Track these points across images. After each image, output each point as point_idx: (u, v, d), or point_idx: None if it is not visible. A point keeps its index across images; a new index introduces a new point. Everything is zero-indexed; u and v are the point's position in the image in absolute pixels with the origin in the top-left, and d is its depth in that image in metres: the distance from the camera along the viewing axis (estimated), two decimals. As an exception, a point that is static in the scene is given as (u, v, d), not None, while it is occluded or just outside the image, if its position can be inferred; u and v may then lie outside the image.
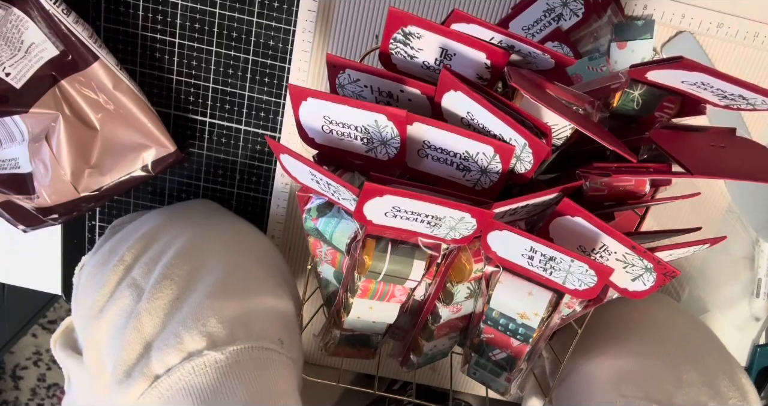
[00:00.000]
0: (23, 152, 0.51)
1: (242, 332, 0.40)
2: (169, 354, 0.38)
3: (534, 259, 0.36)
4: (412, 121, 0.34)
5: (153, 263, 0.44)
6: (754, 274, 0.59)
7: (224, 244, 0.48)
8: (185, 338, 0.39)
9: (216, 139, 0.56)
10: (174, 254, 0.45)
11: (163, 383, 0.38)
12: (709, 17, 0.51)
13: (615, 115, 0.39)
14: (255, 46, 0.52)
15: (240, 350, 0.39)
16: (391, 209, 0.33)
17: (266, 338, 0.41)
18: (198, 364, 0.38)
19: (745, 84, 0.31)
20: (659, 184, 0.40)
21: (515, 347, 0.41)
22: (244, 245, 0.50)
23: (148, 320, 0.41)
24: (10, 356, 1.22)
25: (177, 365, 0.38)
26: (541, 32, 0.50)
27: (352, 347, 0.47)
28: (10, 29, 0.45)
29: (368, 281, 0.39)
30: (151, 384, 0.38)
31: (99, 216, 0.59)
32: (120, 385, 0.39)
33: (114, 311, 0.42)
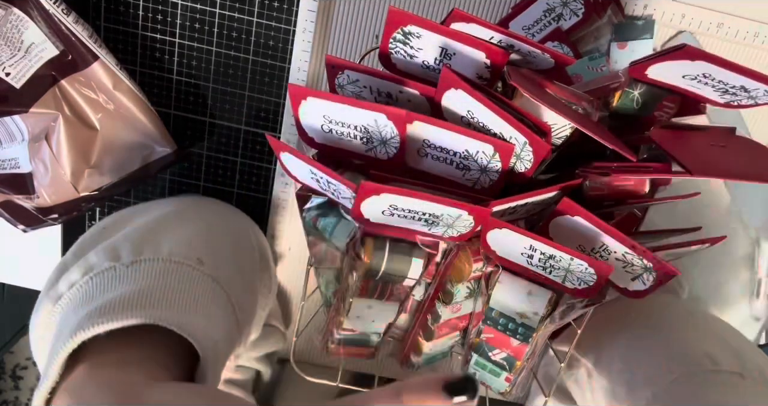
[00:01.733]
0: (23, 152, 0.51)
1: (150, 248, 0.39)
2: (73, 273, 0.38)
3: (533, 258, 0.36)
4: (412, 119, 0.34)
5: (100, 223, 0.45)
6: (754, 274, 0.59)
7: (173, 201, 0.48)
8: (91, 256, 0.38)
9: (216, 139, 0.56)
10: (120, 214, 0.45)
11: (64, 298, 0.37)
12: (709, 17, 0.51)
13: (615, 115, 0.39)
14: (255, 46, 0.52)
15: (142, 260, 0.38)
16: (389, 208, 0.33)
17: (177, 254, 0.39)
18: (95, 274, 0.37)
19: (748, 71, 0.31)
20: (659, 184, 0.40)
21: (515, 346, 0.41)
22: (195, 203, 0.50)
23: (70, 257, 0.40)
24: (10, 356, 1.22)
25: (78, 281, 0.37)
26: (541, 32, 0.50)
27: (352, 346, 0.47)
28: (10, 29, 0.45)
29: (367, 280, 0.39)
30: (55, 303, 0.37)
31: (99, 216, 0.59)
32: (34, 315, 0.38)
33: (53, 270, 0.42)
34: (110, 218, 0.46)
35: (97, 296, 0.35)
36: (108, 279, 0.36)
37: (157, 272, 0.37)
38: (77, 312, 0.34)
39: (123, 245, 0.39)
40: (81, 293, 0.36)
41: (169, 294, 0.36)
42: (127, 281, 0.36)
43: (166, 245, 0.40)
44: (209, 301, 0.39)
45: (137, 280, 0.36)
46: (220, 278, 0.41)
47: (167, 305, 0.35)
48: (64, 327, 0.34)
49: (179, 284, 0.37)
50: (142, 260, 0.37)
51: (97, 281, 0.36)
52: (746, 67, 0.31)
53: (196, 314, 0.36)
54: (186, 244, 0.41)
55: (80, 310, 0.34)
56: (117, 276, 0.36)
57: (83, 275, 0.37)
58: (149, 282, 0.36)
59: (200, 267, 0.39)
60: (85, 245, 0.41)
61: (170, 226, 0.43)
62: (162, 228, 0.42)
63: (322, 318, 0.47)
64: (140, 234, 0.41)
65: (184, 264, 0.39)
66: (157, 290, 0.35)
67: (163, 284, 0.36)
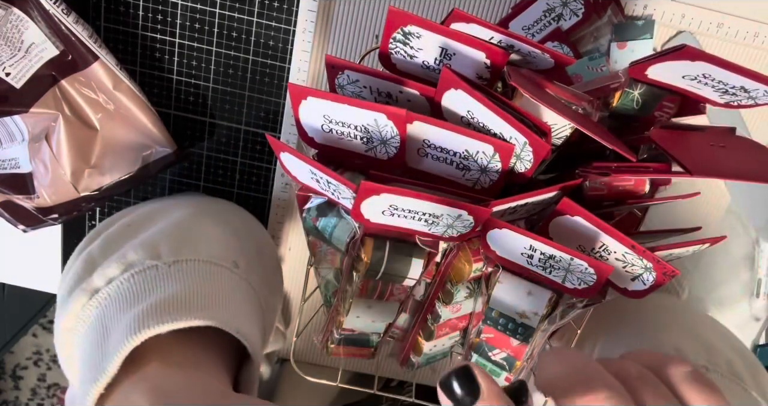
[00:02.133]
0: (23, 152, 0.51)
1: (189, 248, 0.39)
2: (111, 268, 0.37)
3: (533, 258, 0.36)
4: (412, 119, 0.34)
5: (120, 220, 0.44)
6: (754, 274, 0.59)
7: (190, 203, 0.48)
8: (129, 253, 0.37)
9: (216, 139, 0.56)
10: (141, 211, 0.45)
11: (102, 293, 0.36)
12: (709, 17, 0.51)
13: (615, 115, 0.39)
14: (255, 46, 0.52)
15: (183, 260, 0.37)
16: (389, 208, 0.33)
17: (215, 257, 0.39)
18: (137, 271, 0.36)
19: (748, 72, 0.31)
20: (659, 184, 0.40)
21: (515, 346, 0.41)
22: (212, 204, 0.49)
23: (97, 249, 0.39)
24: (10, 355, 1.22)
25: (117, 276, 0.37)
26: (541, 32, 0.50)
27: (352, 346, 0.47)
28: (10, 29, 0.45)
29: (367, 280, 0.39)
30: (91, 297, 0.36)
31: (99, 216, 0.59)
32: (62, 306, 0.38)
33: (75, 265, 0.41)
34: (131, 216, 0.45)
35: (145, 295, 0.35)
36: (152, 278, 0.36)
37: (200, 273, 0.37)
38: (126, 310, 0.34)
39: (162, 243, 0.38)
40: (123, 289, 0.36)
41: (217, 296, 0.36)
42: (173, 280, 0.36)
43: (203, 246, 0.40)
44: (248, 304, 0.39)
45: (183, 280, 0.36)
46: (253, 282, 0.41)
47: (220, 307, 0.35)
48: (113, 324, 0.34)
49: (222, 286, 0.37)
50: (184, 261, 0.37)
51: (139, 279, 0.36)
52: (746, 68, 0.31)
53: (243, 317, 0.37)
54: (220, 246, 0.41)
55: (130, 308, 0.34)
56: (160, 275, 0.36)
57: (123, 271, 0.37)
58: (196, 283, 0.36)
59: (236, 270, 0.40)
60: (112, 240, 0.40)
61: (201, 226, 0.43)
62: (195, 228, 0.42)
63: (322, 318, 0.47)
64: (176, 233, 0.40)
65: (223, 266, 0.39)
66: (205, 291, 0.36)
67: (209, 285, 0.36)
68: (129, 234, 0.41)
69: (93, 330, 0.35)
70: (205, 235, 0.41)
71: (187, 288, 0.35)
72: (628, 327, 0.49)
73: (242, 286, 0.40)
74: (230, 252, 0.41)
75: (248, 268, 0.42)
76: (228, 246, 0.42)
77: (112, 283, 0.36)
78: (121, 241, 0.40)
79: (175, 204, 0.48)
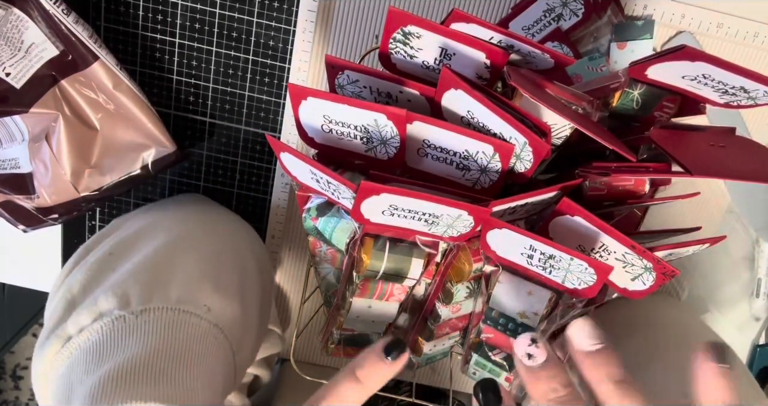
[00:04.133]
0: (23, 152, 0.51)
1: (160, 294, 0.39)
2: (83, 315, 0.38)
3: (533, 257, 0.36)
4: (412, 119, 0.34)
5: (107, 243, 0.45)
6: (754, 274, 0.59)
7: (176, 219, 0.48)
8: (100, 299, 0.38)
9: (216, 139, 0.56)
10: (126, 234, 0.45)
11: (73, 342, 0.37)
12: (709, 17, 0.51)
13: (614, 115, 0.39)
14: (255, 46, 0.52)
15: (151, 309, 0.38)
16: (389, 208, 0.33)
17: (188, 303, 0.40)
18: (106, 323, 0.37)
19: (748, 72, 0.31)
20: (659, 184, 0.40)
21: (515, 346, 0.41)
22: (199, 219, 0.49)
23: (76, 288, 0.40)
24: (10, 355, 1.22)
25: (88, 326, 0.38)
26: (541, 32, 0.50)
27: (352, 346, 0.47)
28: (10, 29, 0.45)
29: (367, 280, 0.39)
30: (63, 345, 0.38)
31: (99, 216, 0.59)
32: (39, 349, 0.39)
33: (60, 291, 0.42)
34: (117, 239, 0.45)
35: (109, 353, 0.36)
36: (118, 330, 0.37)
37: (166, 324, 0.38)
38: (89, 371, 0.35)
39: (132, 288, 0.39)
40: (91, 342, 0.37)
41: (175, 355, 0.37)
42: (137, 334, 0.37)
43: (174, 289, 0.40)
44: (212, 356, 0.40)
45: (146, 334, 0.37)
46: (225, 325, 0.42)
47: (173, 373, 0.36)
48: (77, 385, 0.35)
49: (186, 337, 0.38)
50: (151, 309, 0.38)
51: (107, 330, 0.37)
52: (746, 68, 0.31)
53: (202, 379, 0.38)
54: (194, 286, 0.41)
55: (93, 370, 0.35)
56: (127, 327, 0.37)
57: (93, 320, 0.38)
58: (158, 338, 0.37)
59: (207, 315, 0.40)
60: (92, 274, 0.41)
61: (178, 259, 0.43)
62: (170, 262, 0.42)
63: (322, 318, 0.47)
64: (148, 272, 0.41)
65: (192, 313, 0.40)
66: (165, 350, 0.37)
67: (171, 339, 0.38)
68: (108, 267, 0.42)
69: (61, 384, 0.37)
70: (179, 273, 0.42)
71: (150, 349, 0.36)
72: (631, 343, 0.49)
73: (210, 333, 0.40)
74: (203, 293, 0.41)
75: (222, 308, 0.42)
76: (202, 285, 0.42)
77: (83, 333, 0.38)
78: (100, 276, 0.41)
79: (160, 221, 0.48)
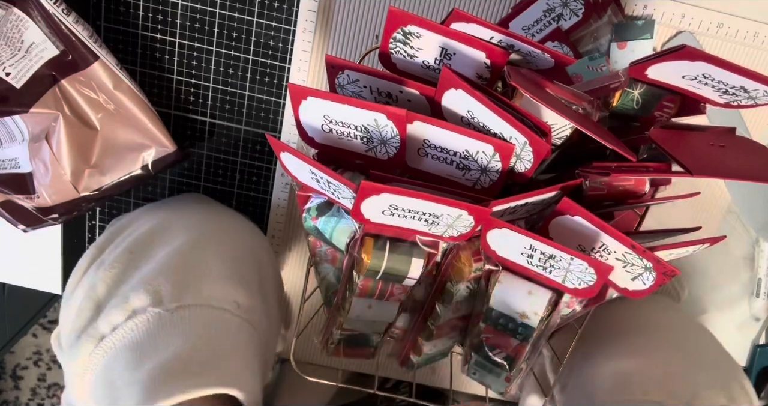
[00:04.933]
0: (23, 152, 0.51)
1: (191, 291, 0.40)
2: (115, 314, 0.38)
3: (533, 257, 0.36)
4: (412, 119, 0.34)
5: (121, 242, 0.45)
6: (754, 274, 0.59)
7: (192, 220, 0.48)
8: (131, 297, 0.39)
9: (216, 139, 0.56)
10: (140, 232, 0.45)
11: (107, 341, 0.38)
12: (709, 17, 0.51)
13: (615, 115, 0.39)
14: (255, 46, 0.52)
15: (185, 306, 0.39)
16: (389, 208, 0.33)
17: (217, 299, 0.40)
18: (141, 320, 0.38)
19: (748, 72, 0.31)
20: (659, 184, 0.40)
21: (515, 346, 0.41)
22: (213, 220, 0.50)
23: (101, 287, 0.41)
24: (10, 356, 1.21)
25: (122, 324, 0.38)
26: (541, 32, 0.50)
27: (352, 346, 0.47)
28: (10, 29, 0.45)
29: (367, 280, 0.39)
30: (97, 344, 0.38)
31: (99, 216, 0.59)
32: (71, 349, 0.39)
33: (80, 290, 0.42)
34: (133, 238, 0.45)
35: (149, 349, 0.37)
36: (155, 326, 0.37)
37: (203, 322, 0.39)
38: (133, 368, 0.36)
39: (163, 285, 0.39)
40: (128, 339, 0.37)
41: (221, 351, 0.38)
42: (175, 330, 0.38)
43: (205, 287, 0.41)
44: (250, 348, 0.41)
45: (185, 330, 0.38)
46: (254, 320, 0.43)
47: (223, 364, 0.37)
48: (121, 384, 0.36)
49: (226, 335, 0.39)
50: (186, 307, 0.39)
51: (143, 328, 0.37)
52: (745, 68, 0.31)
53: (246, 369, 0.39)
54: (222, 283, 0.42)
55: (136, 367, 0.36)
56: (163, 324, 0.38)
57: (127, 317, 0.38)
58: (199, 336, 0.38)
59: (238, 311, 0.41)
60: (116, 273, 0.41)
61: (201, 259, 0.43)
62: (195, 262, 0.42)
63: (322, 318, 0.47)
64: (176, 270, 0.41)
65: (225, 310, 0.40)
66: (210, 346, 0.38)
67: (213, 337, 0.38)
68: (131, 265, 0.42)
69: (100, 384, 0.37)
70: (206, 270, 0.42)
71: (191, 344, 0.37)
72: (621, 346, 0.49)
73: (244, 328, 0.41)
74: (231, 289, 0.42)
75: (249, 303, 0.43)
76: (229, 282, 0.43)
77: (117, 331, 0.38)
78: (124, 275, 0.41)
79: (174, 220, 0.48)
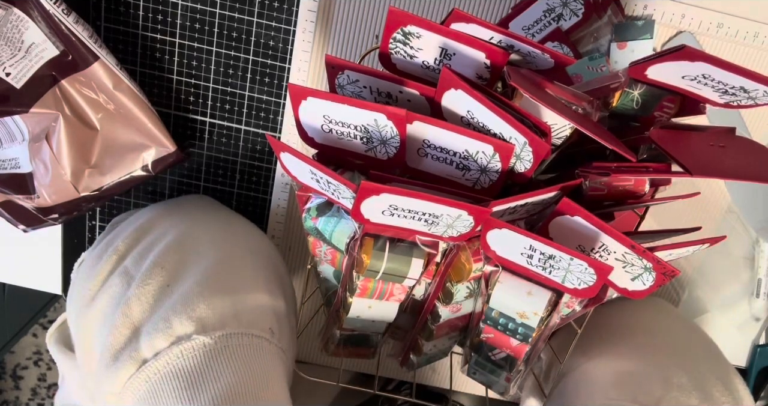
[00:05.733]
0: (23, 152, 0.51)
1: (232, 318, 0.40)
2: (158, 338, 0.38)
3: (533, 257, 0.36)
4: (412, 119, 0.34)
5: (146, 252, 0.44)
6: (754, 274, 0.59)
7: (217, 234, 0.48)
8: (174, 322, 0.38)
9: (216, 139, 0.56)
10: (166, 243, 0.45)
11: (150, 366, 0.37)
12: (709, 17, 0.51)
13: (614, 115, 0.39)
14: (255, 46, 0.52)
15: (229, 335, 0.39)
16: (389, 208, 0.33)
17: (256, 326, 0.41)
18: (186, 348, 0.38)
19: (747, 72, 0.31)
20: (659, 184, 0.40)
21: (515, 346, 0.41)
22: (236, 236, 0.50)
23: (137, 305, 0.40)
24: (10, 355, 1.22)
25: (165, 349, 0.38)
26: (541, 32, 0.50)
27: (352, 346, 0.47)
28: (10, 29, 0.45)
29: (367, 280, 0.39)
30: (139, 368, 0.38)
31: (99, 216, 0.59)
32: (107, 369, 0.39)
33: (105, 299, 0.42)
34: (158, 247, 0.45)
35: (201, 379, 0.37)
36: (201, 355, 0.38)
37: (246, 350, 0.39)
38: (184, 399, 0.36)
39: (205, 312, 0.40)
40: (175, 366, 0.37)
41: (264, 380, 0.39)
42: (224, 360, 0.38)
43: (244, 314, 0.41)
44: (284, 376, 0.42)
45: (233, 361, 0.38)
46: (285, 345, 0.44)
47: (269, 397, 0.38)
48: None
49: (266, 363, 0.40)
50: (228, 335, 0.39)
51: (189, 356, 0.38)
52: (745, 68, 0.31)
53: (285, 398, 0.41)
54: (258, 310, 0.43)
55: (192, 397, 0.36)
56: (209, 352, 0.38)
57: (171, 343, 0.38)
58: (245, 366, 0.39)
59: (273, 339, 0.42)
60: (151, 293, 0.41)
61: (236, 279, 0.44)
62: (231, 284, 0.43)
63: (322, 318, 0.47)
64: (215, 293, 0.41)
65: (263, 338, 0.41)
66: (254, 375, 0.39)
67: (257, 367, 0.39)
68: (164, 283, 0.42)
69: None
70: (242, 294, 0.43)
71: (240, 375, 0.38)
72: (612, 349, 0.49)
73: (278, 356, 0.42)
74: (265, 316, 0.43)
75: (281, 331, 0.44)
76: (263, 308, 0.43)
77: (160, 357, 0.38)
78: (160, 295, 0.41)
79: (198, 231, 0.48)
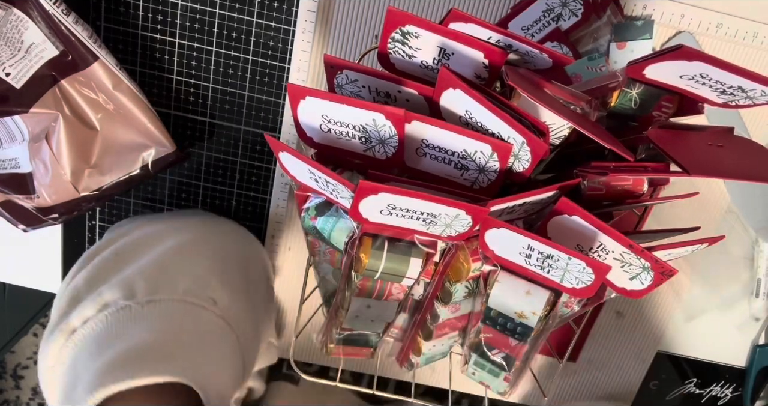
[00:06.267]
0: (23, 152, 0.51)
1: (166, 287, 0.39)
2: (87, 307, 0.38)
3: (531, 257, 0.36)
4: (411, 119, 0.34)
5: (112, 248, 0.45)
6: (754, 274, 0.59)
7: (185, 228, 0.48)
8: (105, 292, 0.38)
9: (216, 139, 0.56)
10: (132, 238, 0.45)
11: (77, 334, 0.37)
12: (709, 17, 0.51)
13: (613, 115, 0.39)
14: (255, 46, 0.52)
15: (159, 301, 0.38)
16: (387, 207, 0.33)
17: (192, 295, 0.40)
18: (111, 312, 0.37)
19: (745, 72, 0.31)
20: (657, 184, 0.40)
21: (514, 346, 0.41)
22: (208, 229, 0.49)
23: (82, 284, 0.40)
24: (11, 355, 1.22)
25: (92, 317, 0.38)
26: (540, 32, 0.50)
27: (352, 346, 0.47)
28: (10, 29, 0.45)
29: (366, 280, 0.39)
30: (68, 338, 0.38)
31: (99, 216, 0.59)
32: (44, 344, 0.39)
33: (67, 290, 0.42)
34: (123, 242, 0.45)
35: (114, 339, 0.36)
36: (124, 318, 0.37)
37: (173, 315, 0.38)
38: (95, 357, 0.35)
39: (138, 282, 0.39)
40: (96, 331, 0.37)
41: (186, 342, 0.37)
42: (143, 322, 0.37)
43: (181, 283, 0.40)
44: (221, 344, 0.40)
45: (153, 322, 0.37)
46: (231, 319, 0.42)
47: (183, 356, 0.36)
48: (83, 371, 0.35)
49: (194, 327, 0.38)
50: (158, 301, 0.38)
51: (112, 320, 0.37)
52: (743, 68, 0.31)
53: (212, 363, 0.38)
54: (201, 281, 0.41)
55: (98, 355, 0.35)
56: (132, 316, 0.37)
57: (98, 310, 0.38)
58: (166, 327, 0.37)
59: (213, 307, 0.40)
60: (98, 272, 0.41)
61: (186, 259, 0.43)
62: (177, 262, 0.42)
63: (322, 318, 0.47)
64: (155, 269, 0.41)
65: (198, 305, 0.39)
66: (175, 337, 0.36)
67: (180, 329, 0.37)
68: (114, 266, 0.42)
69: (66, 374, 0.36)
70: (186, 270, 0.42)
71: (155, 334, 0.36)
72: None
73: (217, 325, 0.40)
74: (209, 288, 0.41)
75: (228, 304, 0.42)
76: (208, 282, 0.42)
77: (87, 323, 0.37)
78: (104, 273, 0.41)
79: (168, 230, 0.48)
